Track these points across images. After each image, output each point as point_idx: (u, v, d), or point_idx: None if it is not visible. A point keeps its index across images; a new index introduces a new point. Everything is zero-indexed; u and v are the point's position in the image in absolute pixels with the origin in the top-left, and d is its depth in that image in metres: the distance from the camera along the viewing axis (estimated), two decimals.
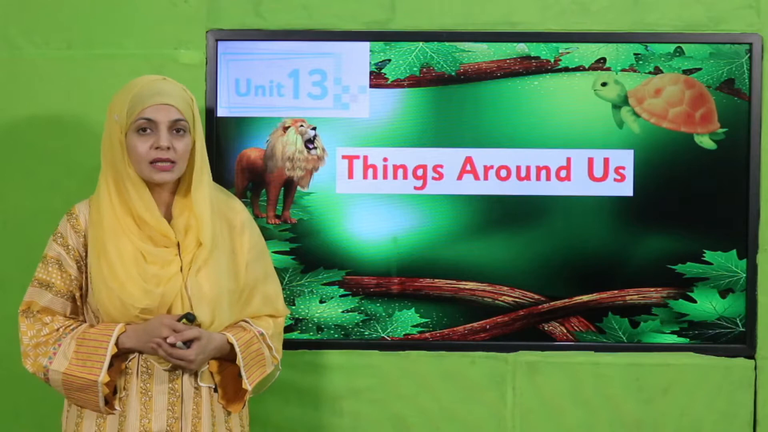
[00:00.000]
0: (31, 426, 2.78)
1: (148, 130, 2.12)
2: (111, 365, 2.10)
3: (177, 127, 2.14)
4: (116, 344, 2.10)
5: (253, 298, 2.28)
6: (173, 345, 2.07)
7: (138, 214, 2.13)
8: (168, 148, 2.12)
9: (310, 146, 2.75)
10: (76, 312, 2.21)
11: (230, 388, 2.22)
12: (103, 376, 2.07)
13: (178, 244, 2.17)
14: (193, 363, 2.10)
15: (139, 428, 2.12)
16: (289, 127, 2.76)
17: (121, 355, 2.13)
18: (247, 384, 2.18)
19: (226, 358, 2.19)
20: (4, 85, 2.77)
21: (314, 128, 2.75)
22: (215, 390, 2.21)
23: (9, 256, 2.78)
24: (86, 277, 2.18)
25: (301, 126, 2.75)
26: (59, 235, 2.19)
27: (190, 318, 2.11)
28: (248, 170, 2.79)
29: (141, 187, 2.14)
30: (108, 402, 2.11)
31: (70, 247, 2.17)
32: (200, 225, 2.16)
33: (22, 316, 2.19)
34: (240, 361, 2.17)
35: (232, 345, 2.17)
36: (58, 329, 2.15)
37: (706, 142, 2.78)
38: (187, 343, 2.09)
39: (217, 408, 2.21)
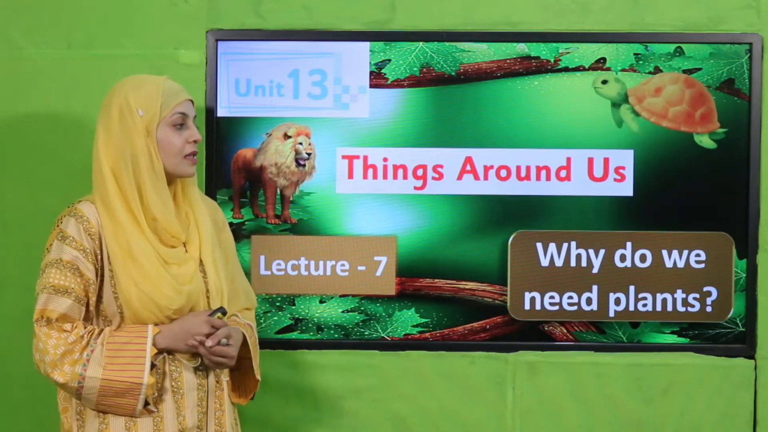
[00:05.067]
0: (31, 426, 2.78)
1: (182, 125, 2.15)
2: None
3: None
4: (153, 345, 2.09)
5: (238, 292, 2.34)
6: (217, 343, 2.11)
7: (152, 214, 2.12)
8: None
9: (301, 162, 2.76)
10: (87, 318, 2.12)
11: (237, 381, 2.28)
12: (147, 378, 2.05)
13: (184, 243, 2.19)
14: (233, 359, 2.16)
15: (177, 426, 2.12)
16: (290, 137, 2.76)
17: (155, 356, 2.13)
18: (258, 375, 2.26)
19: None
20: (4, 85, 2.77)
21: (309, 154, 2.75)
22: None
23: (9, 256, 2.78)
24: (101, 282, 2.12)
25: (300, 144, 2.75)
26: (71, 238, 2.09)
27: (223, 312, 2.16)
28: (244, 170, 2.79)
29: (163, 183, 2.14)
30: (146, 404, 2.09)
31: (87, 250, 2.09)
32: (199, 220, 2.21)
33: (39, 325, 2.07)
34: (253, 353, 2.24)
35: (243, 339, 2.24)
36: (83, 336, 2.06)
37: (706, 141, 2.78)
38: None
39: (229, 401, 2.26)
